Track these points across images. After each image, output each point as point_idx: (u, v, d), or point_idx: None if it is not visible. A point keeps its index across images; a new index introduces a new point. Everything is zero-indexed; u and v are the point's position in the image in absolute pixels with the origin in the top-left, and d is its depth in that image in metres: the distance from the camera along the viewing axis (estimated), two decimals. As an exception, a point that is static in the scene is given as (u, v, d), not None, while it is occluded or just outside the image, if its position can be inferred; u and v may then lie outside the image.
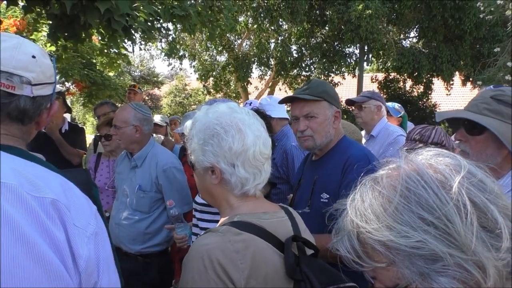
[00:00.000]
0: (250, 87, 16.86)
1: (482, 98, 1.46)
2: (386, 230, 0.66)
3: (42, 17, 4.41)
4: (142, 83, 24.88)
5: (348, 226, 0.73)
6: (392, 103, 4.19)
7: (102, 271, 0.78)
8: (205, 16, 4.61)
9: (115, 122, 2.72)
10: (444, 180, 0.67)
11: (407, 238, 0.64)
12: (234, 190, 1.17)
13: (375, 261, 0.69)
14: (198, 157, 1.18)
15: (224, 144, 1.13)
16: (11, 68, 1.00)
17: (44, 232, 0.69)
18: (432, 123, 14.45)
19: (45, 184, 0.74)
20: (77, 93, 10.50)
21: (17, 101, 1.03)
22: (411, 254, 0.64)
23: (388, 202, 0.68)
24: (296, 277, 1.07)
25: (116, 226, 2.69)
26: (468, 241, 0.62)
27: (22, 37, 1.11)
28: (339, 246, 0.74)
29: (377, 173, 0.76)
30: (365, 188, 0.74)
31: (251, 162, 1.15)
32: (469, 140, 1.47)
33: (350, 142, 2.05)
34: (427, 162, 0.72)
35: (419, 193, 0.66)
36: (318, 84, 2.02)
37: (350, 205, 0.75)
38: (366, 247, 0.70)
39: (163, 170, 2.65)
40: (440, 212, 0.64)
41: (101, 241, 0.80)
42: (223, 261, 1.01)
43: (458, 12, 11.65)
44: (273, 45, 14.58)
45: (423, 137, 2.21)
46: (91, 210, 0.83)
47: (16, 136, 1.06)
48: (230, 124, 1.15)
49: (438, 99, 16.54)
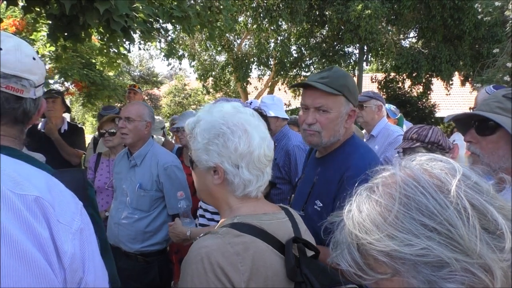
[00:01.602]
0: (249, 87, 16.86)
1: (493, 97, 1.43)
2: (388, 239, 0.65)
3: (42, 17, 4.41)
4: (141, 83, 24.87)
5: (347, 239, 0.71)
6: (389, 104, 4.22)
7: (87, 267, 0.77)
8: (204, 17, 4.61)
9: (128, 115, 2.71)
10: (440, 184, 0.66)
11: (411, 246, 0.63)
12: (236, 191, 1.16)
13: (379, 273, 0.67)
14: (201, 156, 1.16)
15: (230, 145, 1.12)
16: (18, 72, 1.01)
17: (28, 229, 0.68)
18: (431, 123, 14.48)
19: (29, 181, 0.74)
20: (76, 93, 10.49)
21: (24, 105, 1.04)
22: (417, 262, 0.63)
23: (387, 211, 0.67)
24: (297, 279, 1.07)
25: (115, 226, 2.69)
26: (472, 245, 0.61)
27: (21, 37, 1.11)
28: (340, 260, 0.72)
29: (372, 181, 0.74)
30: (361, 198, 0.72)
31: (256, 164, 1.14)
32: (480, 141, 1.42)
33: (356, 145, 1.82)
34: (421, 167, 0.71)
35: (418, 199, 0.65)
36: (340, 75, 1.75)
37: (346, 216, 0.72)
38: (368, 258, 0.68)
39: (164, 169, 2.66)
40: (441, 217, 0.63)
41: (86, 237, 0.79)
42: (223, 264, 1.00)
43: (457, 12, 11.66)
44: (273, 45, 14.57)
45: (420, 136, 2.23)
46: (77, 206, 0.82)
47: (12, 137, 1.07)
48: (237, 124, 1.14)
49: (438, 99, 16.55)
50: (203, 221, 2.30)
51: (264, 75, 16.64)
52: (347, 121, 1.77)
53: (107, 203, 3.26)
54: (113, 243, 2.58)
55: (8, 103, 1.02)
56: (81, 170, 1.36)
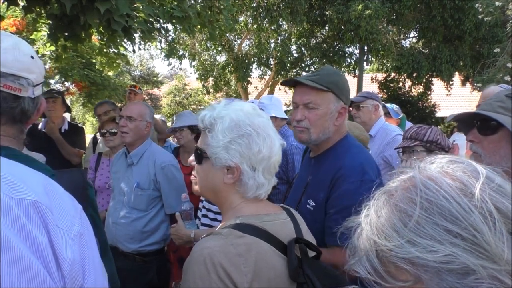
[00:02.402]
0: (250, 87, 16.86)
1: (496, 97, 1.43)
2: (409, 246, 0.62)
3: (42, 17, 4.41)
4: (141, 83, 24.89)
5: (365, 245, 0.68)
6: (391, 104, 4.20)
7: (88, 273, 0.75)
8: (204, 17, 4.61)
9: (130, 114, 2.72)
10: (463, 187, 0.63)
11: (435, 253, 0.60)
12: (248, 193, 1.16)
13: (400, 280, 0.64)
14: (221, 154, 1.13)
15: (254, 147, 1.12)
16: (16, 71, 1.00)
17: (26, 235, 0.65)
18: (432, 123, 14.47)
19: (26, 185, 0.70)
20: (76, 93, 10.50)
21: (22, 104, 1.03)
22: (440, 269, 0.60)
23: (408, 216, 0.63)
24: (299, 280, 1.07)
25: (113, 225, 2.69)
26: (499, 251, 0.58)
27: (22, 37, 1.10)
28: (358, 268, 0.68)
29: (389, 185, 0.71)
30: (379, 202, 0.69)
31: (271, 169, 1.16)
32: (482, 140, 1.42)
33: (349, 145, 1.81)
34: (442, 170, 0.67)
35: (441, 203, 0.62)
36: (330, 73, 1.76)
37: (364, 221, 0.70)
38: (388, 266, 0.65)
39: (161, 168, 2.67)
40: (466, 222, 0.60)
41: (86, 242, 0.76)
42: (226, 265, 1.00)
43: (457, 12, 11.66)
44: (273, 45, 14.58)
45: (418, 135, 2.23)
46: (76, 210, 0.79)
47: (11, 137, 1.06)
48: (261, 127, 1.14)
49: (438, 99, 16.55)
50: (206, 221, 2.30)
51: (264, 75, 16.64)
52: (337, 119, 1.76)
53: (108, 203, 3.26)
54: (111, 243, 2.58)
55: (6, 102, 1.01)
56: (81, 171, 1.36)
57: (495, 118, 1.34)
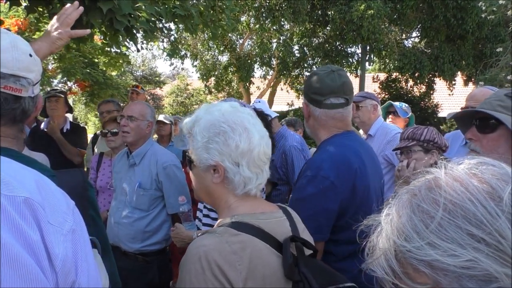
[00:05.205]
0: (252, 87, 16.86)
1: (495, 96, 1.45)
2: (429, 248, 0.59)
3: (45, 17, 4.42)
4: (144, 82, 24.90)
5: (384, 245, 0.66)
6: (400, 103, 4.14)
7: (80, 269, 0.74)
8: (207, 16, 4.62)
9: (131, 113, 2.73)
10: (491, 191, 0.60)
11: (456, 257, 0.57)
12: (237, 189, 1.17)
13: (418, 283, 0.62)
14: (202, 155, 1.16)
15: (231, 143, 1.13)
16: (16, 71, 0.98)
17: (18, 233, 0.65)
18: (434, 123, 14.44)
19: (18, 182, 0.70)
20: (79, 92, 10.53)
21: (23, 104, 1.02)
22: (461, 274, 0.57)
23: (430, 217, 0.61)
24: (295, 278, 1.07)
25: (115, 225, 2.70)
26: None
27: (24, 37, 1.10)
28: (375, 267, 0.66)
29: (413, 184, 0.69)
30: (401, 201, 0.67)
31: (255, 162, 1.15)
32: (481, 139, 1.43)
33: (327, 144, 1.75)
34: (470, 171, 0.64)
35: (466, 206, 0.59)
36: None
37: (384, 221, 0.67)
38: (406, 267, 0.62)
39: (163, 168, 2.67)
40: (491, 228, 0.57)
41: (79, 238, 0.76)
42: (221, 262, 1.00)
43: (460, 12, 11.62)
44: (275, 45, 14.56)
45: (415, 135, 2.26)
46: (68, 206, 0.78)
47: (11, 137, 1.05)
48: (237, 122, 1.15)
49: (440, 99, 16.50)
50: (208, 221, 2.30)
51: (266, 75, 16.63)
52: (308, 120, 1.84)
53: (109, 203, 3.27)
54: (113, 243, 2.59)
55: (7, 104, 0.99)
56: (81, 171, 1.35)
57: (496, 117, 1.35)
